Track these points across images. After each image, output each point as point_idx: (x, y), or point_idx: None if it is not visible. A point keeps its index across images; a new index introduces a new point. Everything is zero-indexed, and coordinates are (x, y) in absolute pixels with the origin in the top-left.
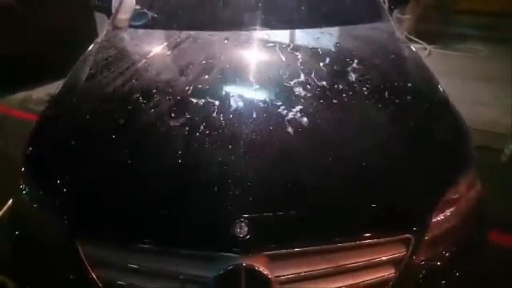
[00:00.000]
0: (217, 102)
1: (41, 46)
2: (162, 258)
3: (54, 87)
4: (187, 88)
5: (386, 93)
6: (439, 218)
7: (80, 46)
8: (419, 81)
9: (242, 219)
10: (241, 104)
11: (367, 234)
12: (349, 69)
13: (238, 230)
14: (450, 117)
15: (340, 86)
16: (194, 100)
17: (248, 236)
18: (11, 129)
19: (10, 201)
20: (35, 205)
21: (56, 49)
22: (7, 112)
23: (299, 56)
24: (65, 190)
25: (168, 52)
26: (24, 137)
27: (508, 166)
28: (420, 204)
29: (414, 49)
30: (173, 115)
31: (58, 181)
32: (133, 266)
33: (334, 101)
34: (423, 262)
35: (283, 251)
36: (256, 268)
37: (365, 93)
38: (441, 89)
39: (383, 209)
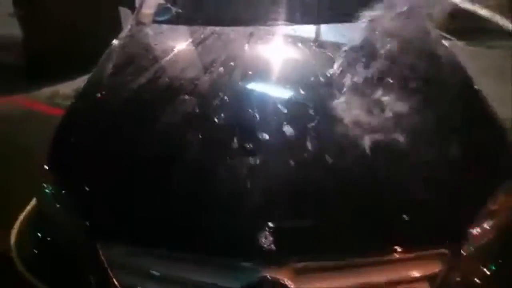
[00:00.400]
0: (243, 105)
1: (67, 41)
2: (184, 266)
3: (81, 82)
4: (213, 88)
5: (421, 96)
6: (477, 231)
7: (105, 40)
8: (455, 83)
9: (267, 229)
10: (268, 108)
11: (399, 248)
12: (382, 68)
13: (263, 240)
14: (489, 123)
15: (373, 88)
16: (220, 102)
17: (273, 247)
18: (37, 125)
19: (34, 200)
20: (57, 205)
21: (81, 44)
22: (34, 106)
23: (329, 54)
24: (87, 191)
25: (193, 49)
26: (50, 133)
27: None
28: (456, 216)
29: (447, 45)
30: (198, 117)
31: (81, 182)
32: (154, 272)
33: (366, 104)
34: (460, 279)
35: (309, 264)
36: (281, 281)
37: (400, 96)
38: (479, 92)
39: (416, 221)
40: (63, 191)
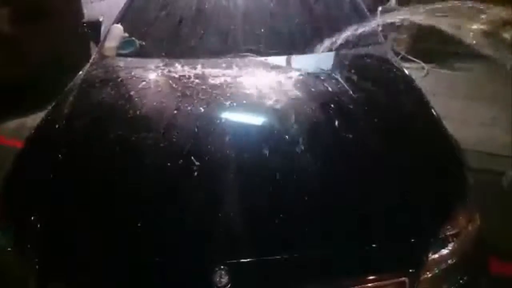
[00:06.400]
0: (204, 143)
1: (37, 73)
2: None
3: None
4: (174, 125)
5: (376, 124)
6: (436, 256)
7: (75, 72)
8: (410, 108)
9: (223, 267)
10: (229, 144)
11: (358, 279)
12: (339, 97)
13: (218, 279)
14: (442, 146)
15: (329, 118)
16: (182, 142)
17: (229, 286)
18: (3, 159)
19: None
20: (8, 248)
21: (51, 75)
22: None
23: (289, 83)
24: (38, 231)
25: (156, 83)
26: None
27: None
28: (414, 245)
29: (407, 72)
30: (154, 157)
31: (33, 221)
32: None
33: (325, 133)
34: None
35: None
36: None
37: (354, 124)
38: (435, 115)
39: (375, 252)
40: (14, 230)
